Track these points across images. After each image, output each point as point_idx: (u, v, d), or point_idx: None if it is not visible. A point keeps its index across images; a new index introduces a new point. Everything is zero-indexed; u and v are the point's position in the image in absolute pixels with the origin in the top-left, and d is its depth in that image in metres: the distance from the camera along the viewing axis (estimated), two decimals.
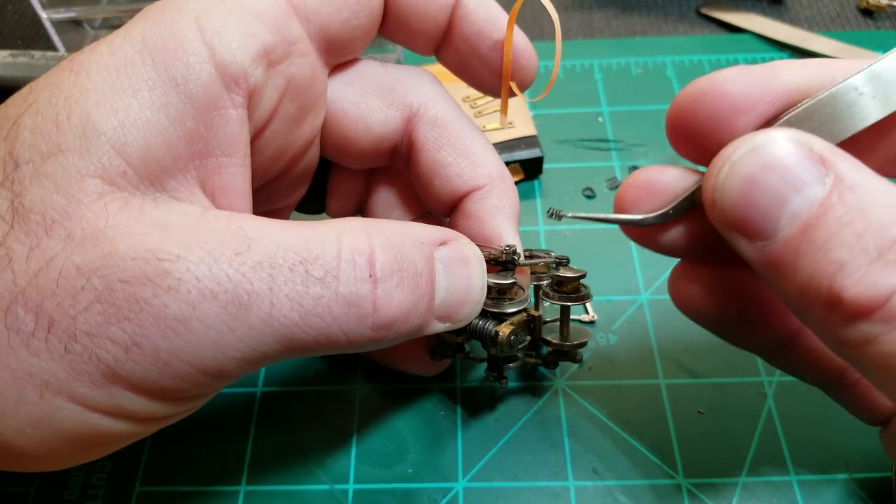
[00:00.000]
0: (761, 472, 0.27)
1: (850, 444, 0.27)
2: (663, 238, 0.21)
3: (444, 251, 0.22)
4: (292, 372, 0.30)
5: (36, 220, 0.18)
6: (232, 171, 0.21)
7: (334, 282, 0.19)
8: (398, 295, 0.20)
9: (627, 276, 0.32)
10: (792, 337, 0.22)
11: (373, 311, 0.20)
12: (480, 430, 0.28)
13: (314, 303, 0.19)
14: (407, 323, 0.21)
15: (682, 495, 0.26)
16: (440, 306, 0.22)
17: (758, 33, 0.43)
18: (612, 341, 0.30)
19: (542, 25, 0.46)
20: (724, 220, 0.17)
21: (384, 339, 0.20)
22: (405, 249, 0.21)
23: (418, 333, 0.22)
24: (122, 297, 0.18)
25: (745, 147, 0.17)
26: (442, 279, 0.22)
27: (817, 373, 0.23)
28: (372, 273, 0.20)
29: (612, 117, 0.39)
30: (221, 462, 0.28)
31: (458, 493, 0.26)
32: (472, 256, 0.23)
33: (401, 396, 0.29)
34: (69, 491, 0.27)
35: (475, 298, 0.23)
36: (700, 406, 0.28)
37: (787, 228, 0.16)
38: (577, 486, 0.26)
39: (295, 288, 0.19)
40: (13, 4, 0.48)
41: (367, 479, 0.27)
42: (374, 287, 0.20)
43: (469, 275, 0.22)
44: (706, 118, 0.19)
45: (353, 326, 0.20)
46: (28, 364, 0.18)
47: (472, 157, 0.25)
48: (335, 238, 0.20)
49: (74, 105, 0.19)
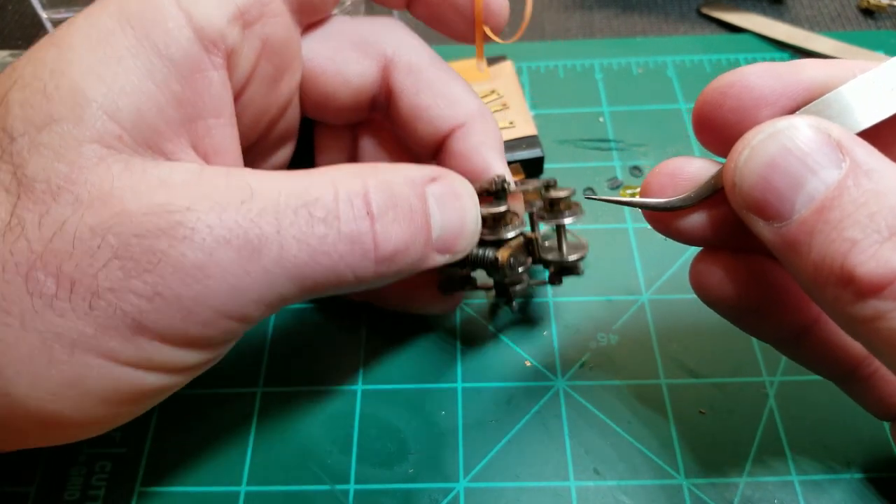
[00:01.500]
0: (763, 472, 0.26)
1: (853, 444, 0.27)
2: (685, 225, 0.21)
3: (434, 187, 0.23)
4: (292, 372, 0.30)
5: (41, 189, 0.18)
6: (221, 132, 0.22)
7: (336, 221, 0.20)
8: (395, 229, 0.21)
9: (628, 276, 0.32)
10: (808, 327, 0.22)
11: (374, 246, 0.21)
12: (481, 430, 0.28)
13: (320, 242, 0.20)
14: (407, 256, 0.22)
15: (683, 495, 0.26)
16: (438, 240, 0.23)
17: (758, 33, 0.43)
18: (613, 341, 0.30)
19: (542, 25, 0.46)
20: (743, 202, 0.18)
21: (388, 272, 0.21)
22: (398, 188, 0.22)
23: (420, 266, 0.23)
24: (140, 251, 0.18)
25: (766, 131, 0.17)
26: (436, 213, 0.23)
27: (831, 365, 0.23)
28: (369, 211, 0.21)
29: (612, 117, 0.39)
30: (222, 462, 0.27)
31: (459, 493, 0.26)
32: (462, 190, 0.24)
33: (401, 396, 0.29)
34: (69, 491, 0.27)
35: (471, 229, 0.24)
36: (701, 406, 0.28)
37: (803, 210, 0.16)
38: (578, 486, 0.26)
39: (301, 229, 0.20)
40: (13, 4, 0.48)
41: (368, 479, 0.27)
42: (373, 224, 0.21)
43: (462, 207, 0.23)
44: (731, 110, 0.19)
45: (357, 261, 0.21)
46: (54, 325, 0.18)
47: (450, 98, 0.26)
48: (330, 182, 0.21)
49: (61, 76, 0.19)
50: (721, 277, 0.21)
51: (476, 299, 0.32)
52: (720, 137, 0.20)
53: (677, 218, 0.21)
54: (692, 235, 0.21)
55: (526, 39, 0.45)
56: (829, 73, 0.19)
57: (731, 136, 0.19)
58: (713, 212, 0.21)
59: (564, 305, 0.31)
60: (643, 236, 0.34)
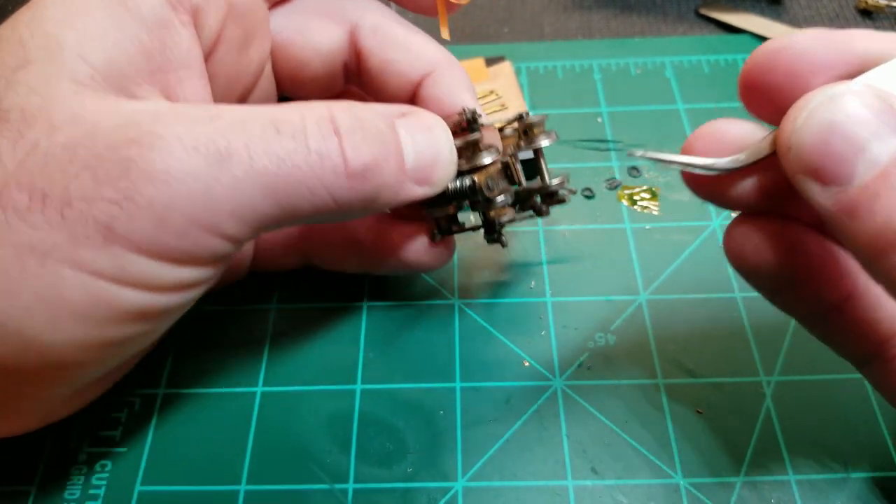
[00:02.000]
0: (760, 471, 0.27)
1: (850, 444, 0.27)
2: (727, 188, 0.21)
3: (404, 120, 0.23)
4: (292, 371, 0.30)
5: (16, 118, 0.19)
6: (192, 83, 0.23)
7: (302, 137, 0.20)
8: (365, 146, 0.21)
9: (626, 276, 0.32)
10: (841, 302, 0.22)
11: (343, 161, 0.21)
12: (480, 429, 0.28)
13: (289, 154, 0.20)
14: (381, 175, 0.22)
15: (680, 494, 0.26)
16: (412, 169, 0.23)
17: (757, 34, 0.43)
18: (611, 341, 0.30)
19: (541, 26, 0.46)
20: (799, 165, 0.17)
21: (364, 191, 0.22)
22: (364, 114, 0.22)
23: (399, 196, 0.23)
24: (110, 160, 0.19)
25: (826, 95, 0.17)
26: (408, 142, 0.23)
27: (856, 345, 0.22)
28: (336, 130, 0.21)
29: (610, 118, 0.39)
30: (222, 461, 0.28)
31: (458, 492, 0.27)
32: (432, 122, 0.24)
33: (400, 396, 0.29)
34: (70, 490, 0.27)
35: (445, 158, 0.24)
36: (699, 406, 0.28)
37: (866, 174, 0.16)
38: (575, 486, 0.26)
39: (268, 143, 0.20)
40: (13, 5, 0.48)
41: (367, 478, 0.27)
42: (341, 140, 0.21)
43: (434, 137, 0.24)
44: (783, 74, 0.19)
45: (329, 177, 0.21)
46: (27, 237, 0.18)
47: (415, 49, 0.27)
48: (296, 108, 0.21)
49: (36, 27, 0.20)
50: (758, 244, 0.21)
51: (482, 298, 0.32)
52: (769, 102, 0.20)
53: (723, 181, 0.20)
54: (733, 199, 0.21)
55: (525, 40, 0.45)
56: (882, 44, 0.19)
57: (780, 101, 0.19)
58: (759, 176, 0.20)
59: (562, 305, 0.32)
60: (641, 236, 0.34)
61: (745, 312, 0.31)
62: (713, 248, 0.33)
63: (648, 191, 0.36)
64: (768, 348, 0.30)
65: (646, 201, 0.35)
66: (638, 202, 0.35)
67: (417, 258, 0.29)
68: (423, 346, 0.31)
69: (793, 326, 0.30)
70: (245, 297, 0.32)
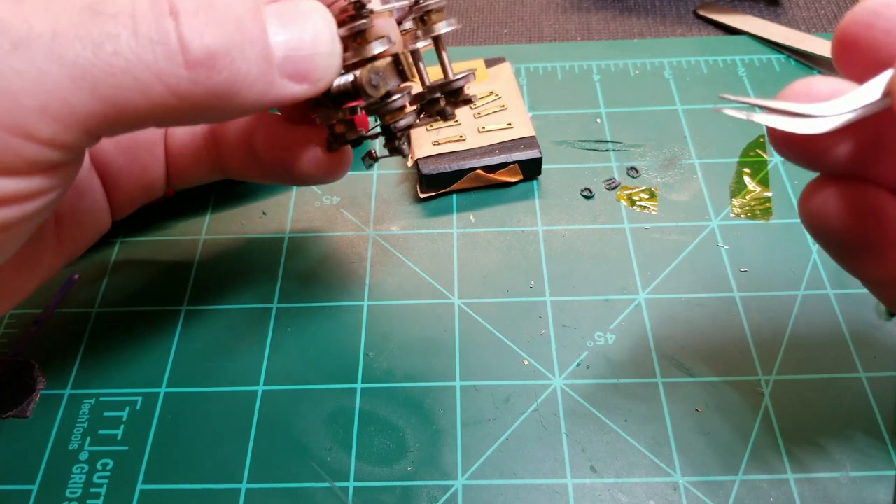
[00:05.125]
0: (758, 470, 0.27)
1: (847, 443, 0.27)
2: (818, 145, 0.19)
3: (273, 6, 0.20)
4: (292, 370, 0.30)
5: None
6: None
7: (128, 20, 0.17)
8: (210, 30, 0.18)
9: (625, 275, 0.33)
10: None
11: (179, 46, 0.18)
12: (479, 428, 0.28)
13: (109, 40, 0.17)
14: (235, 65, 0.19)
15: (679, 493, 0.26)
16: (285, 61, 0.20)
17: (755, 35, 0.43)
18: (611, 340, 0.30)
19: (540, 27, 0.46)
20: None
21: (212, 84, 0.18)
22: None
23: (268, 93, 0.20)
24: None
25: None
26: (278, 32, 0.20)
27: None
28: (172, 10, 0.18)
29: (609, 118, 0.39)
30: (223, 460, 0.28)
31: (458, 490, 0.27)
32: (309, 8, 0.21)
33: (400, 394, 0.29)
34: (71, 489, 0.27)
35: (325, 49, 0.21)
36: (697, 404, 0.29)
37: None
38: (574, 484, 0.27)
39: (83, 25, 0.17)
40: None
41: (367, 476, 0.27)
42: (177, 22, 0.18)
43: (310, 24, 0.20)
44: (882, 31, 0.18)
45: (162, 66, 0.18)
46: None
47: None
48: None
49: None
50: (838, 206, 0.20)
51: (482, 298, 0.32)
52: (866, 60, 0.19)
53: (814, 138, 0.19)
54: (822, 159, 0.20)
55: (524, 41, 0.45)
56: None
57: (878, 60, 0.18)
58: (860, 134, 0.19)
59: (562, 305, 0.32)
60: (640, 236, 0.34)
61: (743, 312, 0.31)
62: (712, 248, 0.33)
63: (647, 191, 0.36)
64: (767, 347, 0.30)
65: (645, 201, 0.35)
66: (637, 202, 0.35)
67: (309, 168, 0.26)
68: (424, 344, 0.31)
69: (791, 325, 0.30)
70: (246, 297, 0.32)
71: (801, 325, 0.30)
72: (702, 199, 0.35)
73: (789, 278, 0.32)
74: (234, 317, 0.32)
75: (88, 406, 0.29)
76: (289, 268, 0.34)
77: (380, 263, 0.34)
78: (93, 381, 0.30)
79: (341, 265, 0.34)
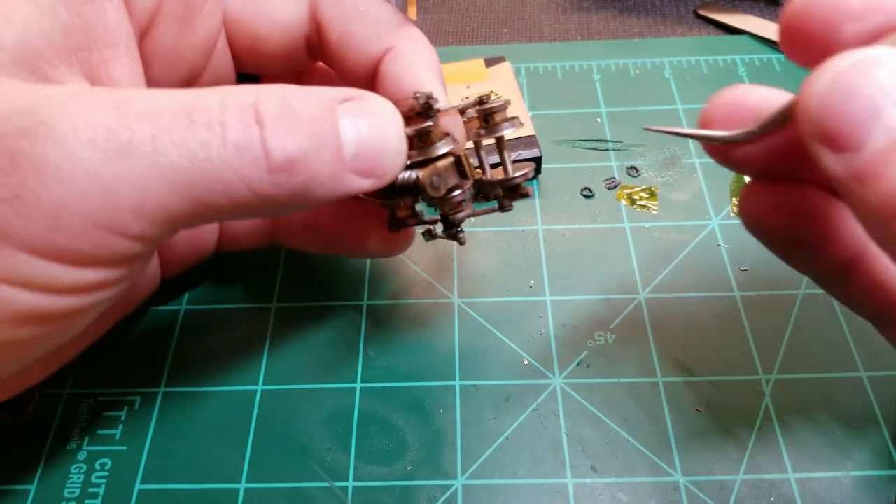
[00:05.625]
0: (759, 469, 0.27)
1: (848, 442, 0.27)
2: (743, 155, 0.21)
3: (347, 105, 0.21)
4: (292, 370, 0.30)
5: None
6: (119, 62, 0.21)
7: (220, 128, 0.19)
8: (291, 137, 0.19)
9: (625, 275, 0.33)
10: (853, 262, 0.22)
11: (263, 153, 0.19)
12: (479, 428, 0.28)
13: (202, 147, 0.18)
14: (311, 168, 0.20)
15: (680, 492, 0.26)
16: (355, 159, 0.21)
17: (755, 34, 0.43)
18: (611, 340, 0.30)
19: (540, 27, 0.46)
20: (814, 131, 0.17)
21: (290, 186, 0.19)
22: (297, 101, 0.20)
23: (337, 189, 0.21)
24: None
25: (847, 60, 0.17)
26: (349, 130, 0.21)
27: (872, 304, 0.22)
28: (258, 119, 0.19)
29: (609, 118, 0.39)
30: (221, 460, 0.28)
31: (458, 490, 0.27)
32: (380, 108, 0.22)
33: (400, 394, 0.29)
34: (69, 489, 0.27)
35: (393, 148, 0.22)
36: (698, 404, 0.28)
37: (878, 140, 0.16)
38: (575, 483, 0.27)
39: (179, 133, 0.18)
40: None
41: (367, 476, 0.27)
42: (262, 130, 0.19)
43: (380, 124, 0.21)
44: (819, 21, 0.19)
45: (247, 171, 0.19)
46: None
47: (377, 22, 0.25)
48: (219, 93, 0.19)
49: None
50: (772, 207, 0.21)
51: (482, 297, 0.32)
52: (806, 49, 0.19)
53: (737, 149, 0.21)
54: (750, 166, 0.21)
55: (524, 41, 0.45)
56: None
57: (815, 49, 0.19)
58: (775, 143, 0.20)
59: (562, 304, 0.32)
60: (640, 235, 0.34)
61: (743, 311, 0.31)
62: (712, 247, 0.33)
63: (647, 190, 0.36)
64: (767, 346, 0.30)
65: (644, 200, 0.35)
66: (637, 201, 0.35)
67: (374, 246, 0.27)
68: (423, 344, 0.31)
69: (792, 324, 0.30)
70: (245, 296, 0.32)
71: (801, 325, 0.30)
72: (702, 199, 0.35)
73: (790, 277, 0.32)
74: (234, 316, 0.32)
75: (87, 406, 0.29)
76: (288, 267, 0.34)
77: (380, 263, 0.34)
78: (91, 381, 0.30)
79: (341, 265, 0.34)
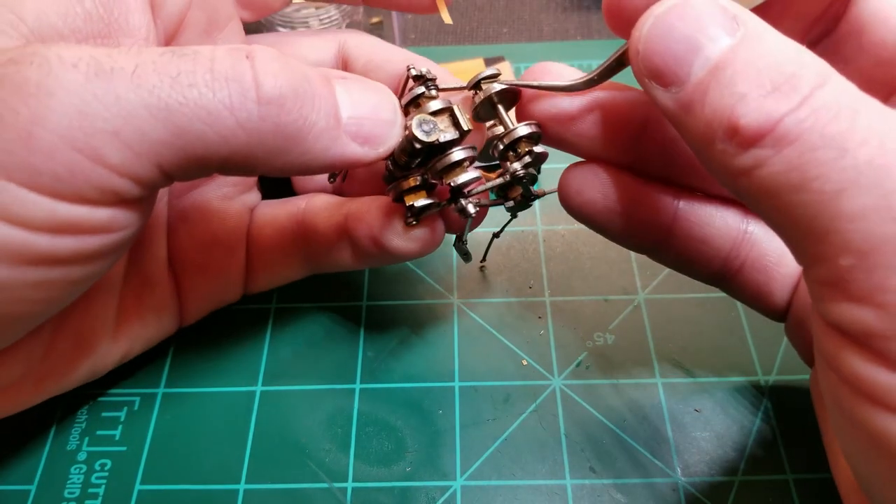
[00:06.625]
0: (757, 470, 0.27)
1: None
2: (576, 133, 0.23)
3: (343, 80, 0.22)
4: (291, 370, 0.30)
5: None
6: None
7: (208, 61, 0.19)
8: (283, 74, 0.19)
9: (624, 276, 0.32)
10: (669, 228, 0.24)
11: (253, 83, 0.19)
12: (478, 429, 0.28)
13: (186, 75, 0.18)
14: (302, 108, 0.20)
15: (678, 493, 0.26)
16: (350, 122, 0.21)
17: None
18: (610, 341, 0.30)
19: (540, 26, 0.46)
20: (645, 69, 0.19)
21: (280, 122, 0.19)
22: (292, 59, 0.20)
23: (333, 147, 0.21)
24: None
25: (665, 4, 0.18)
26: (344, 95, 0.21)
27: (701, 265, 0.24)
28: (249, 55, 0.19)
29: None
30: (221, 460, 0.28)
31: (456, 491, 0.27)
32: (373, 83, 0.23)
33: (399, 395, 0.29)
34: (69, 489, 0.27)
35: (387, 116, 0.22)
36: (697, 404, 0.28)
37: (699, 72, 0.17)
38: (573, 485, 0.27)
39: (163, 64, 0.18)
40: None
41: (366, 477, 0.27)
42: (252, 63, 0.19)
43: (374, 94, 0.22)
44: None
45: (235, 100, 0.19)
46: None
47: (395, 57, 0.28)
48: (210, 44, 0.20)
49: None
50: (590, 186, 0.23)
51: (481, 298, 0.32)
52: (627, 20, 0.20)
53: (573, 124, 0.23)
54: (580, 145, 0.23)
55: (524, 40, 0.45)
56: None
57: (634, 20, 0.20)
58: (603, 122, 0.23)
59: (561, 305, 0.32)
60: None
61: (742, 312, 0.31)
62: None
63: None
64: (766, 348, 0.30)
65: None
66: None
67: (399, 246, 0.27)
68: (423, 345, 0.31)
69: None
70: (245, 297, 0.32)
71: None
72: None
73: None
74: (232, 317, 0.32)
75: (87, 406, 0.29)
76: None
77: None
78: (91, 382, 0.30)
79: None
